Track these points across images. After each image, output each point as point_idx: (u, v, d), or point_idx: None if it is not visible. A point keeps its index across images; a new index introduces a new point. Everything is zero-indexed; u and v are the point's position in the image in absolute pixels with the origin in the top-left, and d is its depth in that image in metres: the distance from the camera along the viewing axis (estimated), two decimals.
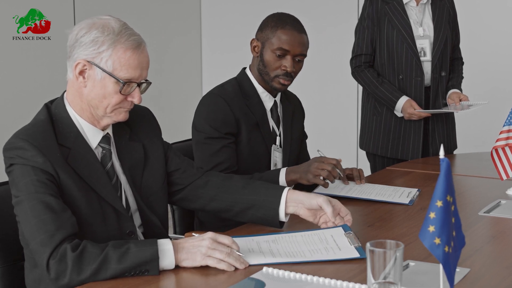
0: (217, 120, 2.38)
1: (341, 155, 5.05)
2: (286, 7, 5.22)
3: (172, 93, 5.52)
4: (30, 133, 1.74)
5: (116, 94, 1.76)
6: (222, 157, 2.36)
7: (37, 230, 1.62)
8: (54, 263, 1.59)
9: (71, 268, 1.58)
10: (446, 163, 1.28)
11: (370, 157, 3.46)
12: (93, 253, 1.59)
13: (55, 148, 1.72)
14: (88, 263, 1.58)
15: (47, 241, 1.60)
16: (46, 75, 4.51)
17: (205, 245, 1.65)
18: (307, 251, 1.77)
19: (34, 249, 1.63)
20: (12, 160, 1.71)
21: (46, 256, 1.59)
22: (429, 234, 1.27)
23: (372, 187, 2.51)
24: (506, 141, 2.42)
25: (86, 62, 1.74)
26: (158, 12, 5.35)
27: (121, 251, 1.60)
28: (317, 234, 1.90)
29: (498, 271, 1.67)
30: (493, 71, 4.73)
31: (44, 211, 1.63)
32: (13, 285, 1.90)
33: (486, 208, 2.22)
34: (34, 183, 1.66)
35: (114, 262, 1.59)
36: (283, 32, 2.39)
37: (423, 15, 3.29)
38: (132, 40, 1.75)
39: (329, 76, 5.25)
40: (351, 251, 1.75)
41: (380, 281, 1.38)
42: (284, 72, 2.41)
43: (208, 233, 1.69)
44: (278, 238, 1.88)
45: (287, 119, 2.58)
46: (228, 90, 2.46)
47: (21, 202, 1.67)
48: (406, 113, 3.20)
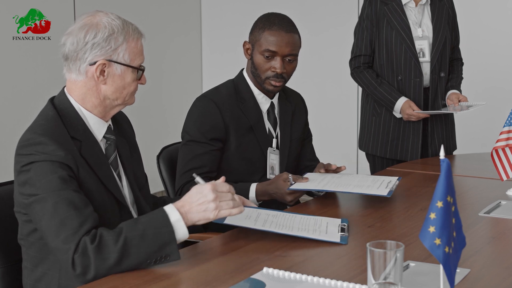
0: (205, 125, 2.38)
1: (341, 156, 5.09)
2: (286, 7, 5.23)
3: (172, 93, 5.52)
4: (46, 128, 1.75)
5: (133, 82, 1.85)
6: (201, 162, 2.36)
7: (61, 227, 1.63)
8: (78, 258, 1.60)
9: (94, 260, 1.59)
10: (446, 164, 1.28)
11: (370, 158, 3.46)
12: (110, 240, 1.61)
13: (70, 141, 1.75)
14: (109, 252, 1.60)
15: (71, 238, 1.61)
16: (46, 75, 4.51)
17: (211, 200, 1.69)
18: (296, 228, 1.92)
19: (57, 247, 1.63)
20: (32, 158, 1.70)
21: (71, 252, 1.60)
22: (429, 234, 1.27)
23: (351, 177, 2.40)
24: (506, 141, 2.42)
25: (106, 61, 1.79)
26: (158, 13, 5.35)
27: (138, 234, 1.63)
28: (315, 218, 2.06)
29: (498, 272, 1.67)
30: (492, 71, 4.73)
31: (67, 208, 1.64)
32: (13, 285, 1.90)
33: (486, 209, 2.22)
34: (56, 180, 1.67)
35: (134, 246, 1.62)
36: (270, 33, 2.37)
37: (422, 16, 3.29)
38: (135, 29, 1.85)
39: (330, 77, 5.26)
40: (334, 237, 1.89)
41: (380, 281, 1.38)
42: (274, 74, 2.39)
43: (206, 185, 1.71)
44: (279, 214, 2.05)
45: (286, 120, 2.56)
46: (222, 93, 2.46)
47: (42, 200, 1.66)
48: (405, 114, 3.20)
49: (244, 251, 1.82)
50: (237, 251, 1.83)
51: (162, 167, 2.62)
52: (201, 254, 1.79)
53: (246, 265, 1.70)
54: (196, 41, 5.74)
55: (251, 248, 1.85)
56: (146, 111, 5.15)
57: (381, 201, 2.29)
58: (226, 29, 5.57)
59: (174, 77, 5.53)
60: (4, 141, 4.28)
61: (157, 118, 5.40)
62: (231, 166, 2.38)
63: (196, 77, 5.77)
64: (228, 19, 5.57)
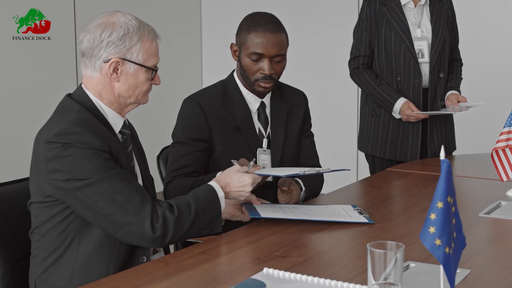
0: (189, 126, 2.39)
1: (341, 157, 5.09)
2: (286, 7, 5.24)
3: (173, 93, 5.52)
4: (80, 119, 1.79)
5: (147, 82, 1.91)
6: (185, 162, 2.37)
7: (126, 203, 1.74)
8: (159, 227, 1.75)
9: (173, 229, 1.78)
10: (446, 164, 1.28)
11: (369, 158, 3.46)
12: (185, 212, 1.81)
13: (105, 130, 1.82)
14: (184, 222, 1.80)
15: (141, 210, 1.75)
16: (46, 75, 4.51)
17: (247, 191, 1.98)
18: (323, 215, 2.10)
19: (128, 221, 1.74)
20: (70, 145, 1.74)
21: (148, 222, 1.74)
22: (429, 235, 1.27)
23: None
24: (506, 142, 2.42)
25: (119, 59, 1.84)
26: (158, 13, 5.35)
27: (202, 207, 1.84)
28: (330, 207, 2.23)
29: (499, 272, 1.67)
30: (492, 71, 4.73)
31: (123, 185, 1.76)
32: (14, 285, 1.91)
33: (486, 209, 2.22)
34: (103, 163, 1.75)
35: (199, 218, 1.83)
36: (256, 35, 2.34)
37: (421, 16, 3.29)
38: (151, 30, 1.91)
39: (330, 77, 5.26)
40: (360, 218, 2.08)
41: (380, 282, 1.38)
42: (263, 76, 2.37)
43: (248, 178, 1.96)
44: (297, 206, 2.23)
45: (279, 120, 2.51)
46: (209, 94, 2.46)
47: (95, 183, 1.73)
48: (404, 114, 3.20)
49: (244, 252, 1.82)
50: (238, 251, 1.83)
51: (162, 167, 2.62)
52: (202, 254, 1.79)
53: (246, 266, 1.71)
54: (196, 41, 5.74)
55: (251, 249, 1.85)
56: (146, 111, 5.14)
57: (381, 201, 2.30)
58: (226, 29, 5.56)
59: (174, 77, 5.53)
60: (4, 141, 4.28)
61: (157, 119, 5.41)
62: (220, 166, 2.37)
63: (196, 77, 5.77)
64: (228, 19, 5.57)
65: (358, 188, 2.74)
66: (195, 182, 2.28)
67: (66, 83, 4.54)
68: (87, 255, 1.80)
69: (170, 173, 2.40)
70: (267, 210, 2.11)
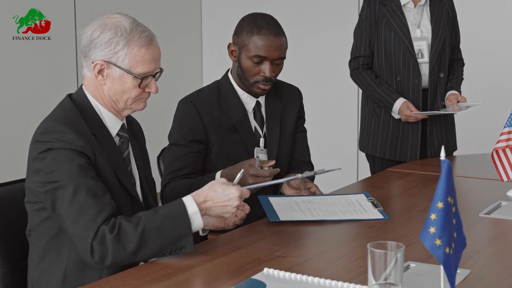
0: (185, 128, 2.39)
1: (341, 157, 5.09)
2: (285, 7, 5.24)
3: (173, 93, 5.51)
4: (66, 118, 1.78)
5: (135, 88, 1.85)
6: (182, 164, 2.37)
7: (80, 215, 1.66)
8: (96, 246, 1.64)
9: (112, 249, 1.64)
10: (447, 164, 1.28)
11: (369, 158, 3.46)
12: (129, 231, 1.66)
13: (89, 132, 1.78)
14: (127, 242, 1.66)
15: (89, 225, 1.65)
16: (46, 75, 4.50)
17: (234, 206, 1.78)
18: (339, 212, 2.14)
19: (77, 234, 1.67)
20: (50, 145, 1.72)
21: (89, 240, 1.65)
22: (430, 235, 1.27)
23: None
24: (507, 142, 2.42)
25: (104, 62, 1.81)
26: (158, 13, 5.35)
27: (156, 225, 1.68)
28: (343, 198, 2.29)
29: (499, 272, 1.67)
30: (492, 71, 4.73)
31: (86, 196, 1.68)
32: (14, 285, 1.91)
33: (486, 210, 2.22)
34: (75, 168, 1.70)
35: (151, 238, 1.67)
36: (259, 37, 2.34)
37: (421, 16, 3.29)
38: (144, 37, 1.83)
39: (330, 78, 5.26)
40: (375, 214, 2.14)
41: (380, 282, 1.38)
42: (263, 78, 2.37)
43: (235, 192, 1.77)
44: (311, 199, 2.25)
45: (273, 118, 2.51)
46: (203, 94, 2.46)
47: (61, 187, 1.69)
48: (403, 115, 3.20)
49: (244, 252, 1.82)
50: (238, 251, 1.83)
51: (162, 167, 2.62)
52: (201, 254, 1.79)
53: (246, 266, 1.70)
54: (196, 42, 5.74)
55: (251, 249, 1.85)
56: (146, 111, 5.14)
57: (381, 201, 2.29)
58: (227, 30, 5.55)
59: (174, 77, 5.53)
60: (4, 141, 4.28)
61: (157, 119, 5.40)
62: (217, 167, 2.36)
63: (197, 77, 5.76)
64: (228, 20, 5.55)
65: (358, 188, 2.74)
66: (194, 183, 2.27)
67: (66, 83, 4.54)
68: (79, 262, 1.76)
69: (167, 175, 2.41)
70: (284, 209, 2.13)
